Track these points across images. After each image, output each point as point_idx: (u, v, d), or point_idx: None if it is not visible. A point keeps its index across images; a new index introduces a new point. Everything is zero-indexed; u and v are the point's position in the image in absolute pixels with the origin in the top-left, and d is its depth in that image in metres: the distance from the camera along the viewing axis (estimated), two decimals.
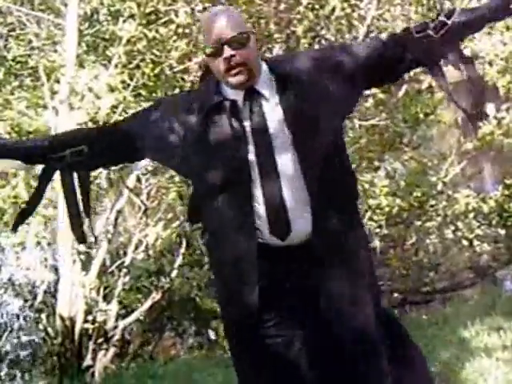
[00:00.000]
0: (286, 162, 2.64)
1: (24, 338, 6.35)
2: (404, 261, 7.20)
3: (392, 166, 7.43)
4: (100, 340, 5.98)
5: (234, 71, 2.62)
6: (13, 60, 6.80)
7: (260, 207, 2.65)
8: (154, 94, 6.86)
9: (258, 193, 2.65)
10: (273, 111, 2.66)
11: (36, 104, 6.66)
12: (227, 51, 2.60)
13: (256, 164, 2.65)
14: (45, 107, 6.59)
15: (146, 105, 6.75)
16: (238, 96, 2.66)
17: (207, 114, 2.66)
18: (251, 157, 2.64)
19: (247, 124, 2.65)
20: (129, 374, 5.46)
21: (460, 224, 7.33)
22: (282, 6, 7.23)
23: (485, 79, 9.20)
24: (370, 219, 7.07)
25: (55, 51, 6.65)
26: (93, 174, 6.64)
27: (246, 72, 2.63)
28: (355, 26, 7.68)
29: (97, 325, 5.95)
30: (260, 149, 2.64)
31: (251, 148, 2.64)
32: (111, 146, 2.82)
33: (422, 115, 7.83)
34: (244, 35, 2.62)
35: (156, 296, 6.19)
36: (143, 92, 6.92)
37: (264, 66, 2.71)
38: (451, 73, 2.77)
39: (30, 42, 6.68)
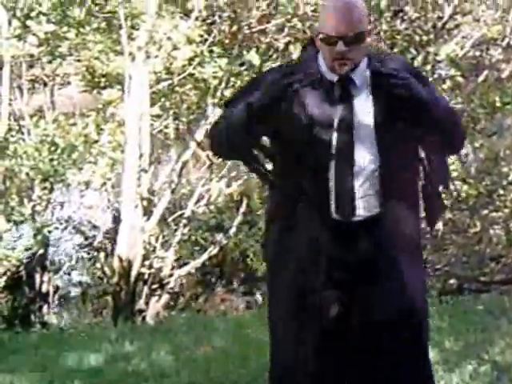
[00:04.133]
0: (363, 151, 2.78)
1: (76, 277, 6.41)
2: (465, 248, 7.05)
3: (464, 152, 7.25)
4: (154, 286, 6.02)
5: (340, 62, 2.71)
6: (92, 1, 6.81)
7: (331, 187, 2.77)
8: (227, 52, 6.85)
9: (330, 173, 2.76)
10: (361, 102, 2.77)
11: (110, 48, 6.68)
12: (341, 46, 2.68)
13: (335, 147, 2.76)
14: (119, 52, 6.60)
15: (219, 60, 6.76)
16: (332, 77, 2.77)
17: (306, 87, 2.76)
18: (333, 139, 2.76)
19: (336, 106, 2.75)
20: (181, 322, 5.47)
21: None
22: None
23: None
24: None
25: None
26: (161, 124, 6.59)
27: (350, 66, 2.72)
28: (440, 5, 7.56)
29: (153, 270, 5.99)
30: (341, 134, 2.75)
31: (334, 132, 2.76)
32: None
33: (499, 103, 7.66)
34: (360, 36, 2.68)
35: (213, 251, 6.18)
36: (217, 49, 6.90)
37: (365, 59, 2.77)
38: None
39: None
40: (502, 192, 7.21)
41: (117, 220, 6.19)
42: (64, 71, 6.98)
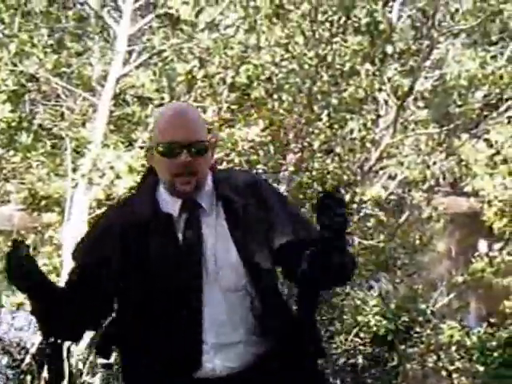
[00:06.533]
0: (227, 277, 2.45)
1: None
2: (383, 382, 7.35)
3: (385, 288, 7.70)
4: None
5: (183, 179, 2.43)
6: (39, 126, 7.06)
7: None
8: None
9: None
10: (211, 224, 2.48)
11: (53, 172, 6.88)
12: (185, 156, 2.40)
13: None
14: (63, 176, 6.80)
15: None
16: (174, 206, 2.48)
17: (141, 229, 2.47)
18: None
19: (180, 236, 2.46)
20: None
21: (442, 354, 7.52)
22: (303, 120, 7.61)
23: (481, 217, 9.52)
24: (356, 335, 7.26)
25: (83, 124, 6.93)
26: None
27: (194, 183, 2.44)
28: (368, 148, 8.06)
29: None
30: (188, 263, 2.43)
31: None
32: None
33: (418, 242, 8.15)
34: (204, 144, 2.43)
35: None
36: None
37: (209, 177, 2.52)
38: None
39: (62, 113, 6.96)
40: (418, 329, 7.60)
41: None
42: (4, 189, 7.13)
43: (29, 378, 6.18)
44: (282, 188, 7.60)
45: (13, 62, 6.45)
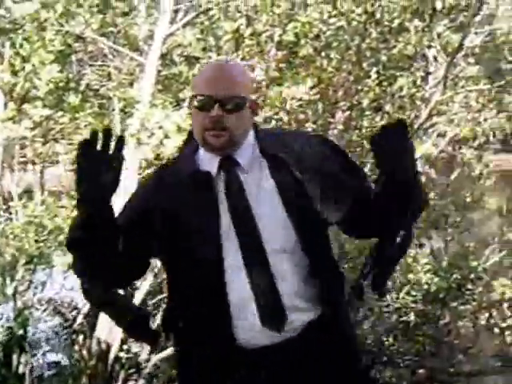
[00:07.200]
0: (273, 236, 2.40)
1: (52, 358, 6.44)
2: (434, 339, 7.34)
3: (436, 246, 7.67)
4: (131, 370, 6.12)
5: (214, 132, 2.40)
6: (87, 86, 7.06)
7: (243, 296, 2.37)
8: None
9: (239, 277, 2.39)
10: (253, 183, 2.45)
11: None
12: (216, 110, 2.38)
13: (236, 239, 2.40)
14: None
15: None
16: (212, 164, 2.46)
17: (182, 188, 2.48)
18: (227, 232, 2.41)
19: (222, 196, 2.44)
20: None
21: (494, 311, 7.46)
22: (352, 77, 7.51)
23: None
24: (408, 293, 7.23)
25: (131, 84, 6.93)
26: None
27: (226, 137, 2.41)
28: (417, 106, 7.94)
29: (131, 355, 6.10)
30: (240, 222, 2.40)
31: (225, 222, 2.42)
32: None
33: (469, 199, 8.08)
34: (240, 100, 2.40)
35: None
36: None
37: (251, 136, 2.49)
38: None
39: (110, 74, 6.96)
40: (470, 286, 7.53)
41: None
42: (53, 150, 7.18)
43: (81, 337, 6.25)
44: None
45: (59, 23, 6.44)
